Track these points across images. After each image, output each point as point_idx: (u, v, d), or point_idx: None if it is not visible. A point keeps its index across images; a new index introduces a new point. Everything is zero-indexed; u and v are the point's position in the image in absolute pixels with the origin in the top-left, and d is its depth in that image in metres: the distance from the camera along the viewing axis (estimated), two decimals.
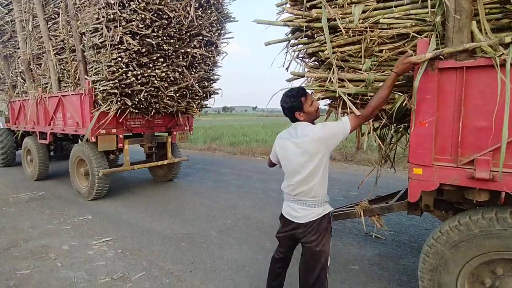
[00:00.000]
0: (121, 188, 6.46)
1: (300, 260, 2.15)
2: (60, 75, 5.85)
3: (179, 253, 3.50)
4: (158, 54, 5.04)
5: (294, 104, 2.00)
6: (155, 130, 6.23)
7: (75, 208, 5.18)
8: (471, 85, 1.87)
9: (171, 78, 5.34)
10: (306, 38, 2.55)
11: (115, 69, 4.61)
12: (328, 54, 2.33)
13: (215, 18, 5.74)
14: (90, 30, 4.72)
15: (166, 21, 4.98)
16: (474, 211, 2.06)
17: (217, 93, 6.48)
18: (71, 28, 5.21)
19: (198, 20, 5.40)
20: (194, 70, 5.81)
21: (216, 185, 6.77)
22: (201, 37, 5.60)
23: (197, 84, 5.81)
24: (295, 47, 2.70)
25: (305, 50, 2.60)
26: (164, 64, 5.15)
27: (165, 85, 5.30)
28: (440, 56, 1.94)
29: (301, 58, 2.77)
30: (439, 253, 2.13)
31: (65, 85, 5.81)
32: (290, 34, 2.74)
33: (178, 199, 5.70)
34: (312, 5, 2.43)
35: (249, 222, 4.43)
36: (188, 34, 5.39)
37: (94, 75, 4.94)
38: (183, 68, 5.50)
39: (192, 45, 5.51)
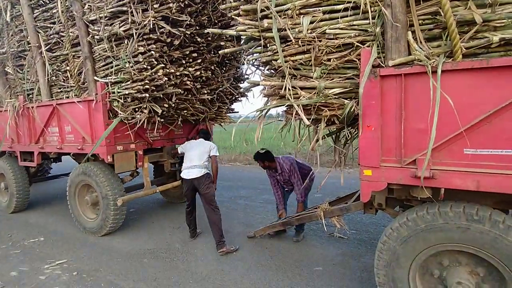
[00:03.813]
0: None
1: (202, 199, 3.89)
2: (54, 77, 4.63)
3: (141, 270, 3.36)
4: (192, 48, 4.17)
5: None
6: (176, 143, 5.16)
7: (25, 230, 4.78)
8: (409, 91, 2.02)
9: (203, 78, 4.48)
10: (259, 48, 2.60)
11: (145, 66, 3.63)
12: (280, 63, 2.39)
13: None
14: (106, 16, 3.72)
15: (200, 7, 4.11)
16: (420, 207, 2.21)
17: (246, 96, 5.44)
18: (70, 16, 4.15)
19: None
20: (225, 68, 4.96)
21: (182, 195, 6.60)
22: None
23: (228, 84, 4.94)
24: (250, 56, 2.75)
25: (259, 58, 2.65)
26: (199, 60, 4.27)
27: (198, 86, 4.42)
28: (381, 64, 2.08)
29: (256, 67, 2.82)
30: (391, 249, 2.25)
31: (59, 90, 4.66)
32: (245, 43, 2.79)
33: (141, 212, 5.48)
34: (264, 16, 2.49)
35: None
36: (220, 24, 4.50)
37: (113, 75, 3.86)
38: (215, 65, 4.64)
39: (224, 37, 4.58)
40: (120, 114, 3.95)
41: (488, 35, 1.86)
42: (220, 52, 3.13)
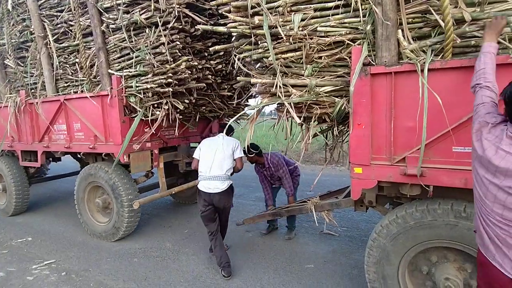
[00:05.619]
0: (65, 204, 5.96)
1: (219, 215, 3.28)
2: (61, 70, 4.24)
3: (131, 270, 3.32)
4: (214, 39, 3.95)
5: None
6: (190, 141, 4.85)
7: (12, 229, 4.68)
8: (399, 89, 2.03)
9: (224, 72, 4.26)
10: (250, 45, 2.57)
11: (167, 58, 3.32)
12: (271, 60, 2.38)
13: None
14: (124, 3, 3.43)
15: None
16: (409, 204, 2.23)
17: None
18: (81, 3, 3.80)
19: None
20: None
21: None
22: None
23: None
24: (241, 54, 2.72)
25: (250, 56, 2.63)
26: (221, 53, 4.01)
27: (219, 80, 4.22)
28: (371, 62, 2.09)
29: (246, 64, 2.80)
30: (381, 246, 2.27)
31: (66, 84, 4.29)
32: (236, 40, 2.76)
33: None
34: (255, 12, 2.46)
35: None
36: None
37: (132, 68, 3.55)
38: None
39: None
40: (139, 110, 3.67)
41: (477, 34, 1.88)
42: (211, 49, 3.09)
